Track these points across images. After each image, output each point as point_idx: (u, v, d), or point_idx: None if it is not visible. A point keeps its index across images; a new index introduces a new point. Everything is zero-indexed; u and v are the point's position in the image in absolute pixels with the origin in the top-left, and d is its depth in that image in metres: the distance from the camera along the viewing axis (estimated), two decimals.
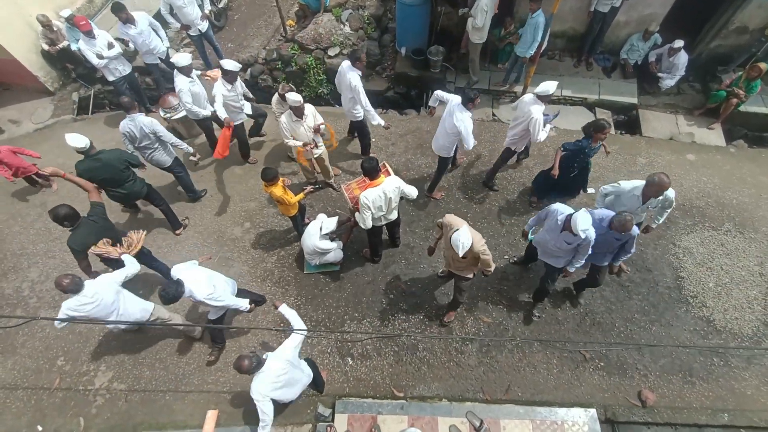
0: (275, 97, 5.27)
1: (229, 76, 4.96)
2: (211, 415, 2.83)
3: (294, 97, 4.43)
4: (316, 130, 4.71)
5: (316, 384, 4.03)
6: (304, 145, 4.71)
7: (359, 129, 5.67)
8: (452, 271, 4.07)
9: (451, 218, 3.72)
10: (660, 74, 6.50)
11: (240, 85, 5.31)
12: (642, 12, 6.37)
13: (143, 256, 4.47)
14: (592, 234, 3.48)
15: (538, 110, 4.54)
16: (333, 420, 3.98)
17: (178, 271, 3.65)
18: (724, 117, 6.34)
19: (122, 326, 4.18)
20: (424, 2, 6.45)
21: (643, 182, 3.87)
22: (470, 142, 4.62)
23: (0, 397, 4.35)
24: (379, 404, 4.07)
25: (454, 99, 4.58)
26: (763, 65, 5.64)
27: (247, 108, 5.56)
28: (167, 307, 4.16)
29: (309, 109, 4.71)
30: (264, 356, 3.16)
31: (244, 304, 3.93)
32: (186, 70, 5.02)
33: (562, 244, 3.75)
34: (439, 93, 4.79)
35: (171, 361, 4.48)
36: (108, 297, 3.67)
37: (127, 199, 4.90)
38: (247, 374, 3.04)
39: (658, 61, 6.50)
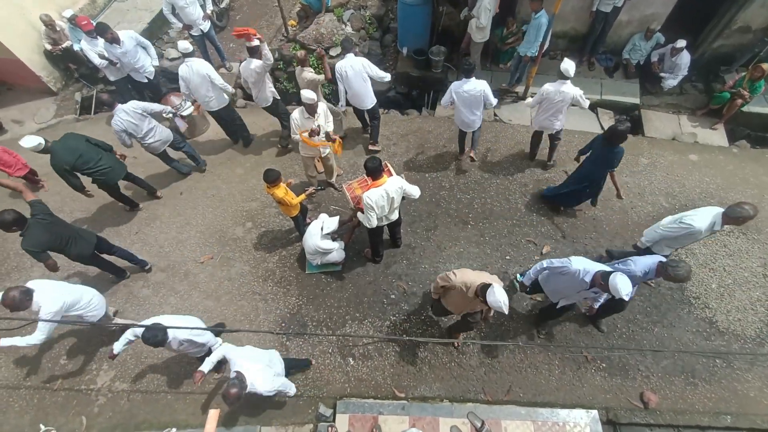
0: (297, 69, 5.39)
1: (257, 55, 5.20)
2: (213, 415, 2.81)
3: (309, 95, 4.46)
4: (314, 132, 4.67)
5: (300, 365, 4.13)
6: (311, 134, 4.66)
7: (374, 114, 5.82)
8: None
9: (464, 276, 3.35)
10: (662, 74, 6.47)
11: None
12: (644, 12, 6.35)
13: (102, 243, 4.55)
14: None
15: (572, 87, 4.79)
16: (334, 420, 3.99)
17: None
18: (727, 117, 6.31)
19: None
20: (426, 2, 6.45)
21: (717, 210, 3.56)
22: (492, 98, 5.07)
23: (3, 396, 4.37)
24: (381, 404, 4.07)
25: (455, 84, 5.03)
26: (765, 66, 5.61)
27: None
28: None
29: (321, 108, 4.72)
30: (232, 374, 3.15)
31: (217, 340, 3.96)
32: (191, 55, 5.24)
33: (588, 294, 3.54)
34: (443, 100, 5.21)
35: (173, 360, 4.49)
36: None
37: (113, 176, 4.90)
38: (241, 398, 2.98)
39: (661, 61, 6.47)
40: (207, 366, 3.37)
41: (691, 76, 6.67)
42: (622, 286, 2.96)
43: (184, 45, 5.21)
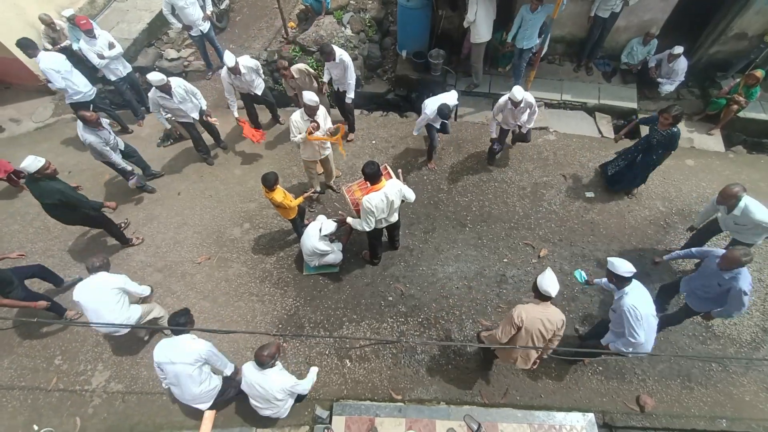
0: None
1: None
2: (209, 416, 2.81)
3: (312, 96, 4.46)
4: (314, 130, 4.71)
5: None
6: (309, 132, 4.67)
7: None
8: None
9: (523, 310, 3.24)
10: (659, 79, 6.52)
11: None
12: (642, 17, 6.40)
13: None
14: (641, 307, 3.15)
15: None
16: (330, 422, 3.97)
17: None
18: (723, 123, 6.35)
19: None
20: (425, 5, 6.48)
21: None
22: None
23: None
24: (377, 407, 4.05)
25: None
26: (759, 72, 5.67)
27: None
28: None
29: (321, 110, 4.73)
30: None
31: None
32: (165, 89, 5.08)
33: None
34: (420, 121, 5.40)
35: None
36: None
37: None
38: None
39: (658, 66, 6.53)
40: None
41: (687, 82, 6.73)
42: (619, 262, 3.16)
43: (150, 76, 5.01)
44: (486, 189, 5.80)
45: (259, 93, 5.96)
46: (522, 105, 4.98)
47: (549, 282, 3.09)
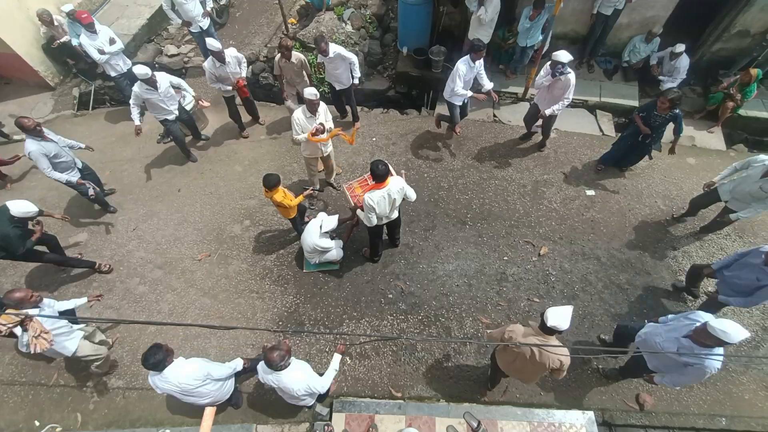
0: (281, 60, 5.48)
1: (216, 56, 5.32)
2: (209, 412, 2.80)
3: (312, 91, 4.45)
4: (319, 131, 4.69)
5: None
6: (315, 132, 4.66)
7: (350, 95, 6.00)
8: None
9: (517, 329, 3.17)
10: (661, 77, 6.49)
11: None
12: (644, 14, 6.37)
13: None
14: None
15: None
16: (330, 419, 3.98)
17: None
18: (722, 120, 6.34)
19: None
20: (427, 2, 6.45)
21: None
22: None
23: None
24: (377, 404, 4.06)
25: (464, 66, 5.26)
26: (753, 71, 5.67)
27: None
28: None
29: (321, 107, 4.72)
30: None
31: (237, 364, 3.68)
32: (150, 81, 5.05)
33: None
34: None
35: None
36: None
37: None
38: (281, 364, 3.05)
39: (660, 64, 6.50)
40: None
41: (689, 80, 6.69)
42: (729, 327, 2.86)
43: (137, 68, 4.96)
44: (486, 187, 5.79)
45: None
46: (563, 78, 4.88)
47: (558, 316, 2.86)
